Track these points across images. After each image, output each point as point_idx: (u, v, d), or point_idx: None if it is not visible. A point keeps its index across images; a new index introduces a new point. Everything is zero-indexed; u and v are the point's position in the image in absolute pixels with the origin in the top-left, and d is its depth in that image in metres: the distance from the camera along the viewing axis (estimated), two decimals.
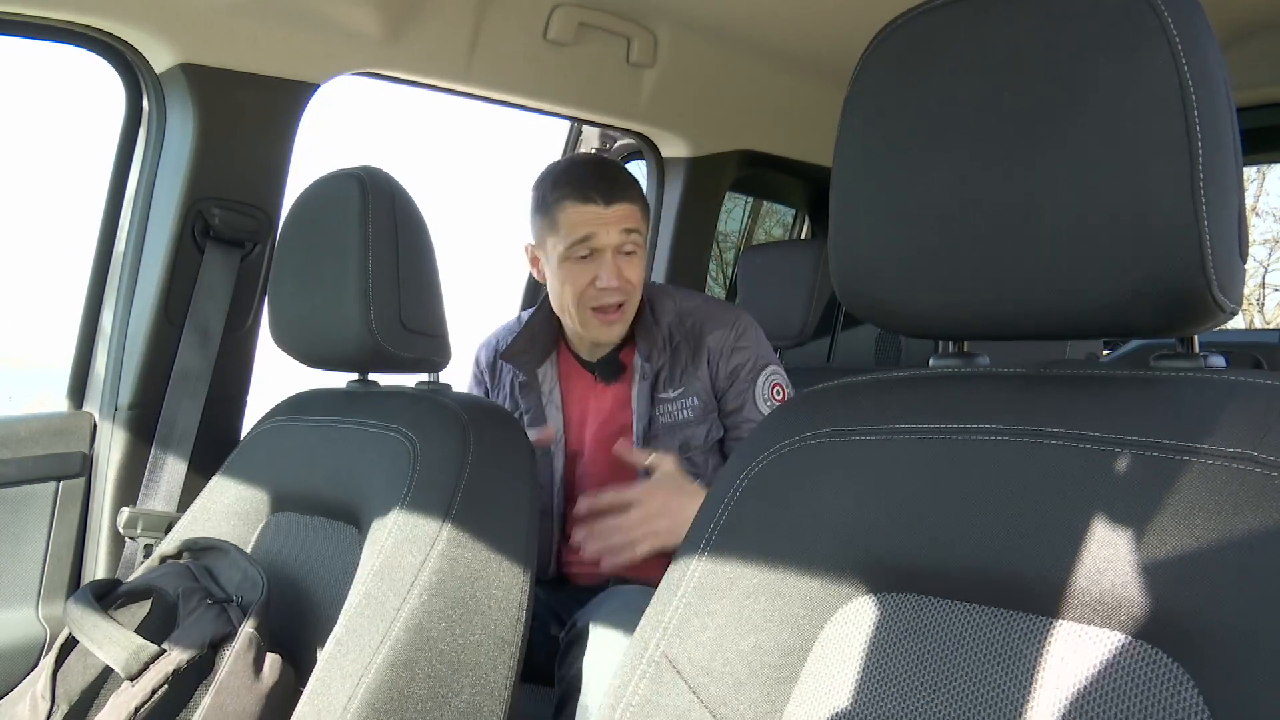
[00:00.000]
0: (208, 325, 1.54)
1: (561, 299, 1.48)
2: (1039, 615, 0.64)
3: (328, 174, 1.23)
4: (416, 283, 1.17)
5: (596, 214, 1.43)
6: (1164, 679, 0.58)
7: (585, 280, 1.44)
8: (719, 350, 1.51)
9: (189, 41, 1.45)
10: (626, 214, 1.46)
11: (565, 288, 1.46)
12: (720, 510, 0.81)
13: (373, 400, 1.23)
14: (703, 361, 1.51)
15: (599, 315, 1.47)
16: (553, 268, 1.48)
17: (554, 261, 1.47)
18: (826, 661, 0.72)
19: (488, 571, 1.03)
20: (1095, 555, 0.62)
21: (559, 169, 1.50)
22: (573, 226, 1.43)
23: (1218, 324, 0.66)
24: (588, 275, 1.44)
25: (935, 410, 0.75)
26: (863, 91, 0.75)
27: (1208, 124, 0.61)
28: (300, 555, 1.18)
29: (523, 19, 1.74)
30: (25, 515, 1.49)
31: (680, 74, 1.99)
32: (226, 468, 1.33)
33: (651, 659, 0.77)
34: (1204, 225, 0.61)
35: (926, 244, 0.71)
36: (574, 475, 1.57)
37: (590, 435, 1.56)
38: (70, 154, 51.73)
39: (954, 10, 0.70)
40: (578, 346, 1.58)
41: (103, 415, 1.55)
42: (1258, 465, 0.59)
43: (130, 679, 0.95)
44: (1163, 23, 0.62)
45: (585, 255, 1.44)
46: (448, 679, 0.98)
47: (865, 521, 0.73)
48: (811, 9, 1.79)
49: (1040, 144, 0.65)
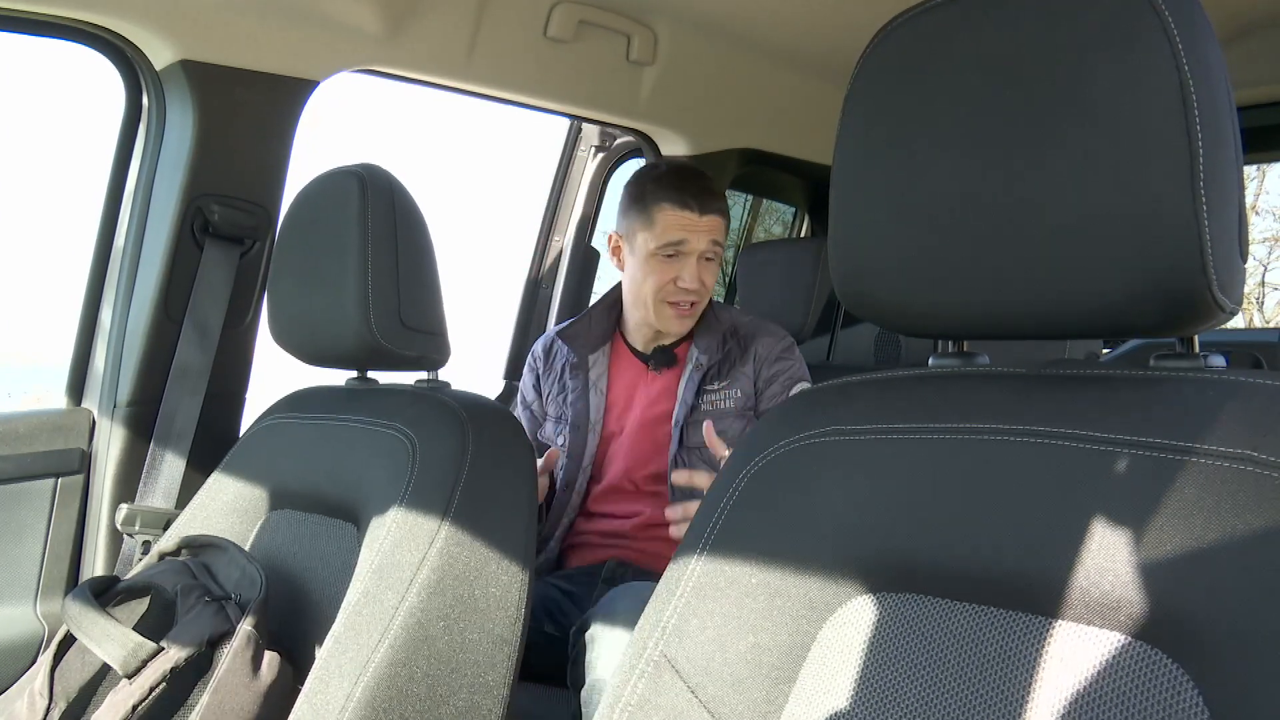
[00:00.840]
0: (207, 322, 1.54)
1: (641, 289, 1.63)
2: (1038, 615, 0.64)
3: (327, 171, 1.23)
4: (416, 280, 1.17)
5: (691, 221, 1.59)
6: (1164, 680, 0.58)
7: (668, 277, 1.60)
8: (766, 356, 1.65)
9: (189, 38, 1.45)
10: (715, 225, 1.61)
11: (648, 280, 1.61)
12: (719, 510, 0.81)
13: (372, 398, 1.22)
14: (749, 361, 1.65)
15: (674, 309, 1.62)
16: (638, 259, 1.62)
17: (641, 254, 1.62)
18: (825, 661, 0.72)
19: (486, 570, 1.03)
20: (1095, 555, 0.62)
21: (661, 171, 1.66)
22: (667, 228, 1.59)
23: (1218, 324, 0.66)
24: (671, 273, 1.60)
25: (935, 410, 0.74)
26: (863, 90, 0.75)
27: (1208, 123, 0.61)
28: (299, 553, 1.18)
29: (523, 16, 1.73)
30: (23, 512, 1.49)
31: (680, 72, 1.98)
32: (225, 465, 1.32)
33: (650, 659, 0.77)
34: (1204, 225, 0.61)
35: (926, 243, 0.71)
36: (604, 455, 1.68)
37: (633, 419, 1.67)
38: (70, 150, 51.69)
39: (954, 9, 0.70)
40: (634, 338, 1.71)
41: (101, 412, 1.55)
42: (1258, 465, 0.59)
43: (128, 677, 0.95)
44: (1163, 21, 0.62)
45: (672, 255, 1.59)
46: (446, 677, 0.98)
47: (864, 521, 0.73)
48: (812, 7, 1.78)
49: (1040, 143, 0.65)
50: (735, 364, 1.65)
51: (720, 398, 1.63)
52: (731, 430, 1.60)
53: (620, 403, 1.69)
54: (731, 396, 1.63)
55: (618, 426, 1.68)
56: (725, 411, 1.63)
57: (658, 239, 1.59)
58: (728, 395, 1.63)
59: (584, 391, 1.67)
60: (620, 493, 1.66)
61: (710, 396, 1.63)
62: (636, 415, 1.67)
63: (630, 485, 1.65)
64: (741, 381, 1.64)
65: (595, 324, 1.72)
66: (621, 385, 1.70)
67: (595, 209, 2.37)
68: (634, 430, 1.66)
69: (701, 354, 1.64)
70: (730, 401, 1.63)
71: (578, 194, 2.36)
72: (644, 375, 1.69)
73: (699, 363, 1.64)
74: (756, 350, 1.65)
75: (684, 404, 1.62)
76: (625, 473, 1.66)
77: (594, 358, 1.69)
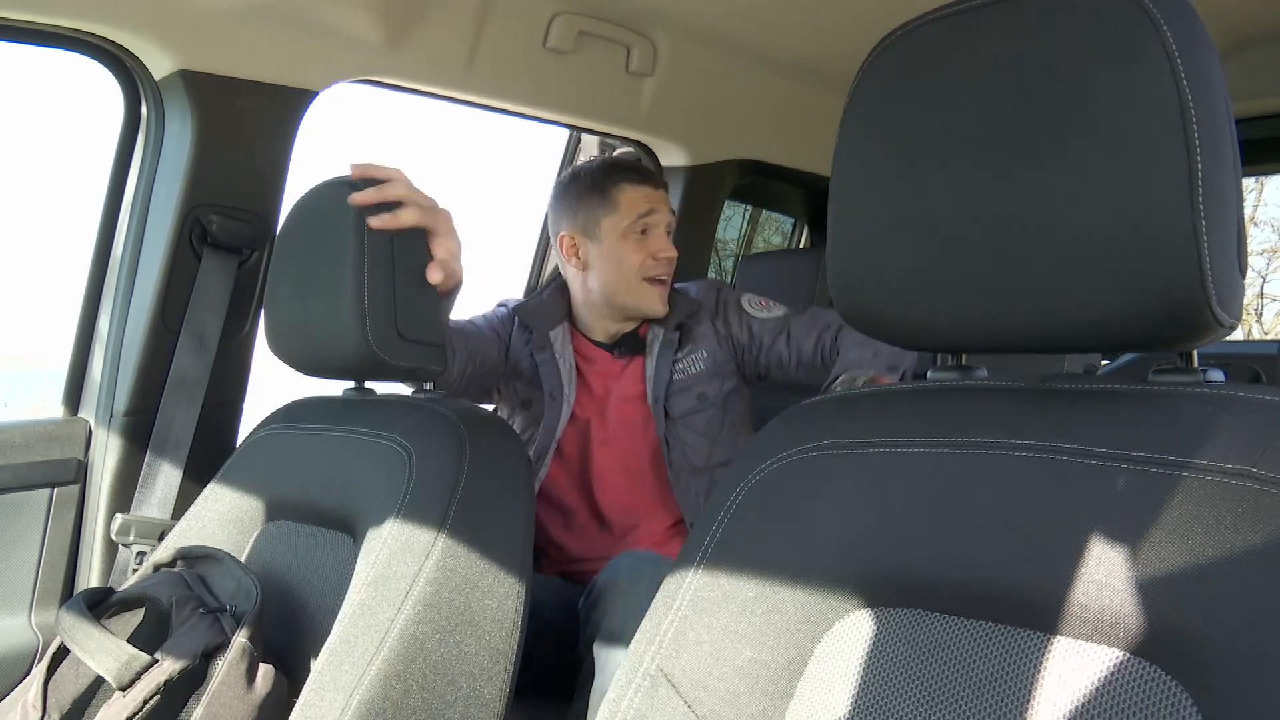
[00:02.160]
0: (204, 332, 1.54)
1: (620, 274, 1.62)
2: (1037, 631, 0.64)
3: (323, 181, 1.23)
4: (413, 291, 1.17)
5: (651, 193, 1.64)
6: (1162, 696, 0.58)
7: (645, 253, 1.61)
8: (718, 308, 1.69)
9: (188, 48, 1.45)
10: (668, 200, 1.68)
11: (626, 261, 1.61)
12: (717, 523, 0.81)
13: (369, 408, 1.22)
14: (704, 320, 1.68)
15: (656, 285, 1.63)
16: (608, 246, 1.62)
17: (610, 240, 1.62)
18: (823, 676, 0.72)
19: (483, 582, 1.02)
20: (1093, 571, 0.61)
21: (600, 163, 1.69)
22: (633, 203, 1.61)
23: (1217, 339, 0.66)
24: (646, 249, 1.62)
25: (933, 423, 0.74)
26: (862, 101, 0.75)
27: (1207, 136, 0.61)
28: (295, 564, 1.18)
29: (523, 27, 1.74)
30: (19, 522, 1.49)
31: (680, 83, 1.99)
32: (222, 475, 1.32)
33: (647, 673, 0.76)
34: (1203, 239, 0.60)
35: (925, 255, 0.70)
36: (583, 442, 1.65)
37: (613, 414, 1.65)
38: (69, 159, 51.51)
39: (953, 21, 0.70)
40: (591, 330, 1.70)
41: (98, 421, 1.55)
42: (1256, 481, 0.58)
43: (122, 689, 0.94)
44: (1161, 35, 0.62)
45: (643, 231, 1.62)
46: (442, 690, 0.98)
47: (862, 535, 0.73)
48: (811, 19, 1.79)
49: (1039, 156, 0.65)
50: (693, 326, 1.67)
51: (689, 364, 1.65)
52: (710, 390, 1.64)
53: (594, 393, 1.67)
54: (700, 360, 1.65)
55: (594, 412, 1.66)
56: (699, 376, 1.65)
57: (627, 217, 1.61)
58: (695, 360, 1.66)
59: (553, 362, 1.65)
60: (621, 490, 1.65)
61: (680, 365, 1.65)
62: (615, 410, 1.66)
63: (629, 481, 1.64)
64: (705, 341, 1.66)
65: (550, 304, 1.70)
66: (594, 376, 1.68)
67: None
68: (617, 423, 1.65)
69: (662, 328, 1.66)
70: (700, 364, 1.65)
71: None
72: (611, 366, 1.68)
73: (667, 339, 1.65)
74: (706, 305, 1.69)
75: (660, 380, 1.63)
76: (622, 467, 1.64)
77: (554, 334, 1.67)
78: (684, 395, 1.63)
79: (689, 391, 1.64)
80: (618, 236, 1.62)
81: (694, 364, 1.65)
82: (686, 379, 1.64)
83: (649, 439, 1.63)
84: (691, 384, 1.64)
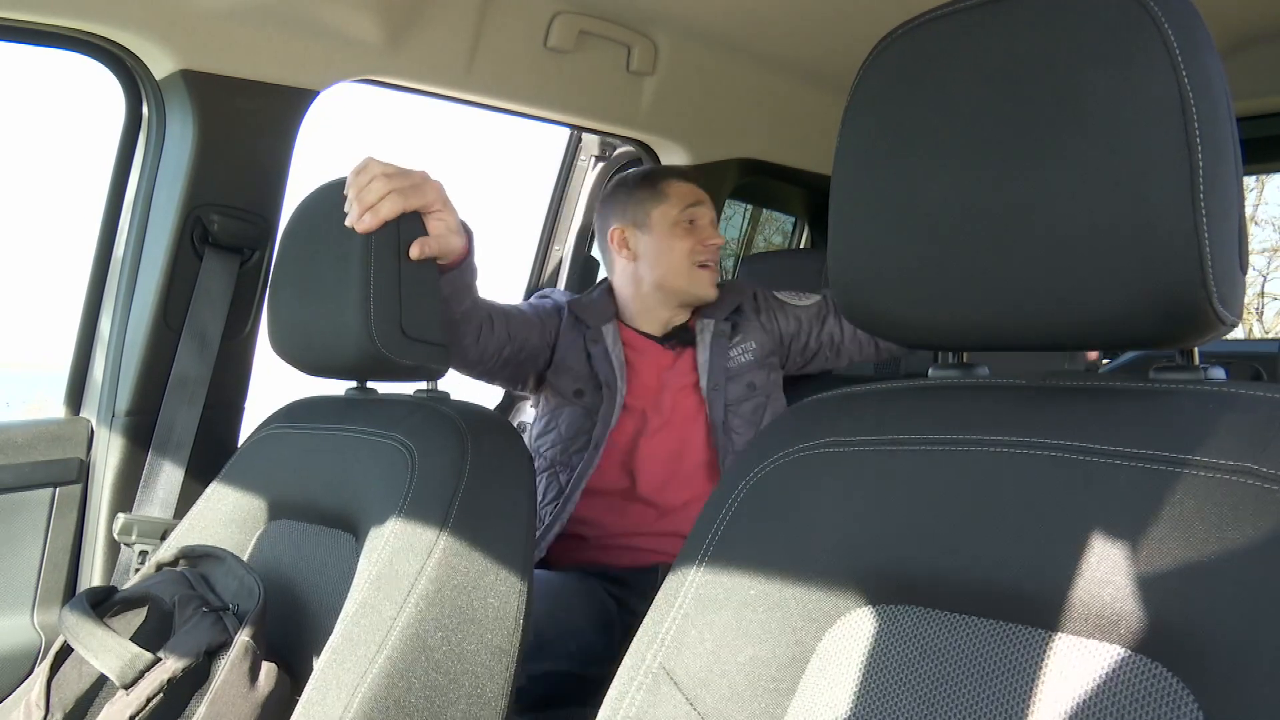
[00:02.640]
0: (206, 331, 1.54)
1: (671, 260, 1.72)
2: (1038, 628, 0.64)
3: (330, 181, 1.23)
4: (418, 289, 1.17)
5: (697, 191, 1.76)
6: (1164, 693, 0.58)
7: (695, 239, 1.72)
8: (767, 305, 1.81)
9: (189, 48, 1.45)
10: (711, 204, 1.79)
11: (677, 246, 1.71)
12: (719, 520, 0.81)
13: (371, 408, 1.22)
14: (753, 313, 1.79)
15: (706, 271, 1.72)
16: (659, 234, 1.72)
17: (661, 228, 1.72)
18: (825, 673, 0.72)
19: (485, 581, 1.03)
20: (1095, 568, 0.61)
21: (648, 167, 1.88)
22: (682, 195, 1.74)
23: (1218, 336, 0.66)
24: (695, 236, 1.72)
25: (935, 421, 0.74)
26: (863, 101, 0.75)
27: (1208, 134, 0.61)
28: (297, 563, 1.18)
29: (523, 27, 1.74)
30: (21, 522, 1.49)
31: (680, 82, 1.99)
32: (224, 475, 1.32)
33: (649, 670, 0.76)
34: (1204, 237, 0.61)
35: (926, 254, 0.70)
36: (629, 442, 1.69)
37: (667, 403, 1.71)
38: (71, 159, 51.88)
39: (954, 20, 0.70)
40: (639, 323, 1.77)
41: (100, 421, 1.55)
42: (1258, 478, 0.59)
43: (125, 687, 0.94)
44: (1162, 33, 0.62)
45: (690, 221, 1.72)
46: (444, 689, 0.98)
47: (864, 532, 0.73)
48: (812, 19, 1.79)
49: (1040, 154, 0.65)
50: (743, 318, 1.77)
51: (740, 353, 1.74)
52: (759, 380, 1.73)
53: (647, 384, 1.72)
54: (749, 350, 1.75)
55: (650, 409, 1.70)
56: (747, 365, 1.74)
57: (676, 205, 1.72)
58: (745, 349, 1.75)
59: (606, 356, 1.71)
60: (669, 480, 1.68)
61: (732, 353, 1.74)
62: (670, 401, 1.71)
63: (676, 466, 1.68)
64: (754, 333, 1.76)
65: (600, 302, 1.78)
66: (646, 368, 1.73)
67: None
68: (669, 415, 1.70)
69: (711, 319, 1.75)
70: (749, 354, 1.75)
71: (578, 204, 2.36)
72: (663, 357, 1.74)
73: (719, 329, 1.74)
74: (747, 299, 1.80)
75: (716, 368, 1.71)
76: (671, 453, 1.68)
77: (606, 329, 1.73)
78: (735, 383, 1.72)
79: (740, 379, 1.73)
80: (668, 225, 1.72)
81: (744, 353, 1.75)
82: (737, 368, 1.73)
83: (699, 426, 1.70)
84: (742, 372, 1.73)
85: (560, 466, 1.69)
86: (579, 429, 1.69)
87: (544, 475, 1.71)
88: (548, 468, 1.71)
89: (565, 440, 1.70)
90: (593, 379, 1.70)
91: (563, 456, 1.69)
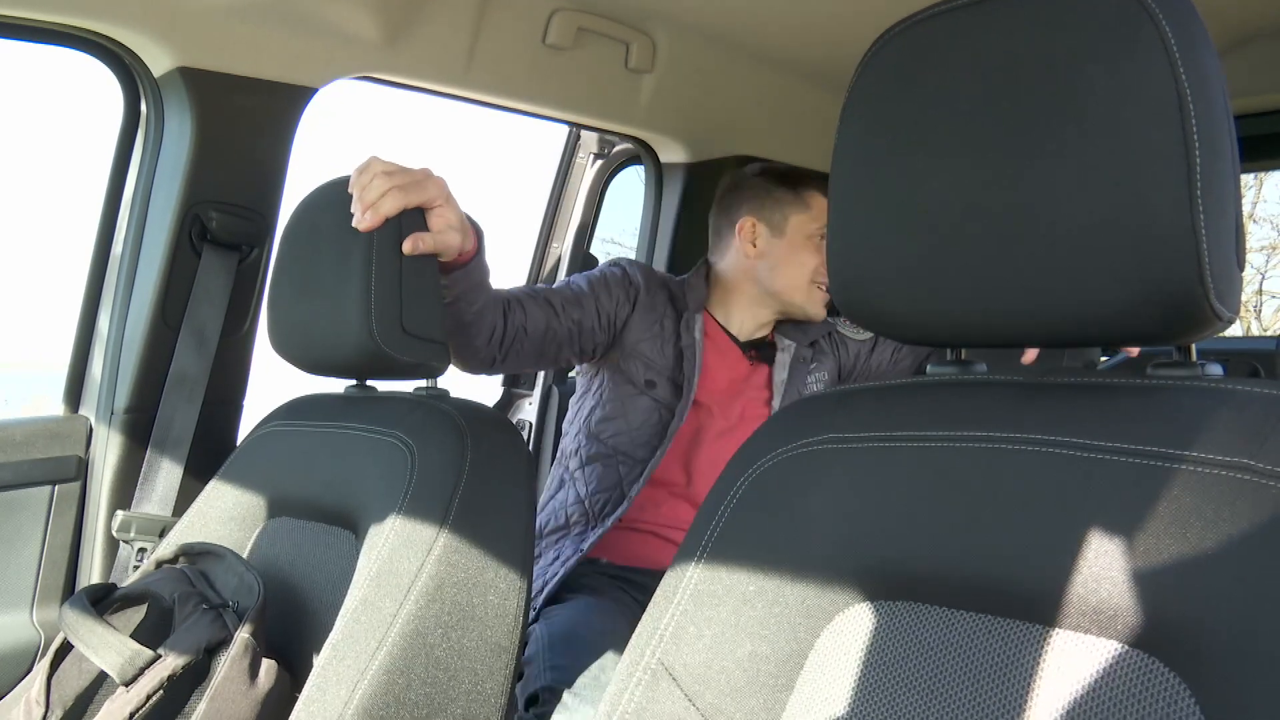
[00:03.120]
0: (205, 329, 1.54)
1: (794, 272, 1.69)
2: (1036, 624, 0.64)
3: (331, 180, 1.23)
4: (419, 287, 1.17)
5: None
6: (1161, 689, 0.58)
7: (821, 259, 1.67)
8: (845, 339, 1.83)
9: (187, 45, 1.45)
10: None
11: (807, 261, 1.69)
12: (717, 516, 0.81)
13: (371, 405, 1.22)
14: (832, 343, 1.81)
15: (823, 292, 1.70)
16: (790, 242, 1.69)
17: (796, 237, 1.69)
18: (823, 669, 0.72)
19: (484, 578, 1.03)
20: (1092, 564, 0.62)
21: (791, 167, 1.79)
22: (824, 212, 1.67)
23: (1215, 332, 0.66)
24: (822, 257, 1.67)
25: (933, 417, 0.74)
26: (860, 98, 0.75)
27: (1205, 132, 0.61)
28: (297, 560, 1.18)
29: (521, 23, 1.74)
30: (20, 519, 1.49)
31: (679, 79, 1.99)
32: (223, 472, 1.32)
33: (647, 666, 0.77)
34: (1202, 234, 0.61)
35: (924, 251, 0.71)
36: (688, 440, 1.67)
37: (737, 411, 1.70)
38: (69, 156, 51.42)
39: (952, 18, 0.71)
40: (734, 324, 1.75)
41: (99, 419, 1.55)
42: (1255, 474, 0.59)
43: (125, 684, 0.95)
44: (1160, 30, 0.62)
45: (822, 238, 1.68)
46: (444, 686, 0.98)
47: (863, 528, 0.73)
48: (810, 16, 1.79)
49: (1038, 152, 0.65)
50: (820, 349, 1.79)
51: (814, 380, 1.76)
52: None
53: (719, 385, 1.70)
54: (821, 380, 1.77)
55: (716, 411, 1.68)
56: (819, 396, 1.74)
57: (817, 220, 1.69)
58: (818, 379, 1.77)
59: (690, 350, 1.67)
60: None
61: (807, 379, 1.75)
62: (740, 409, 1.70)
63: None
64: (828, 364, 1.78)
65: (694, 290, 1.74)
66: (722, 370, 1.71)
67: (594, 216, 2.37)
68: (737, 421, 1.69)
69: (794, 343, 1.75)
70: (820, 384, 1.76)
71: (576, 200, 2.36)
72: (740, 364, 1.73)
73: (800, 354, 1.74)
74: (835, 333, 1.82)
75: (793, 393, 1.70)
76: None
77: (695, 319, 1.70)
78: None
79: None
80: (804, 236, 1.69)
81: (816, 382, 1.76)
82: (809, 394, 1.69)
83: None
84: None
85: (623, 457, 1.66)
86: (646, 421, 1.65)
87: (599, 463, 1.67)
88: (609, 455, 1.67)
89: (633, 430, 1.65)
90: (668, 371, 1.66)
91: (628, 447, 1.65)
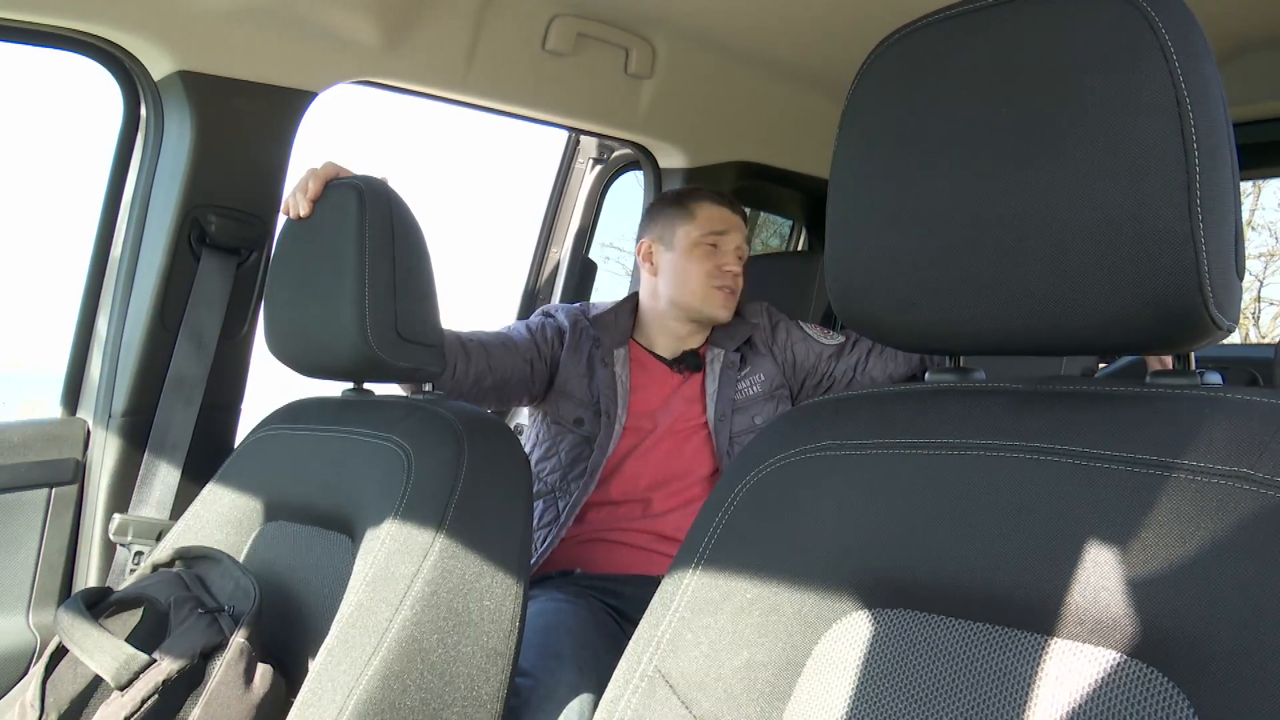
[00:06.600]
0: (203, 332, 1.54)
1: (688, 279, 1.73)
2: (1034, 633, 0.64)
3: (328, 184, 1.23)
4: (413, 292, 1.17)
5: (727, 215, 1.77)
6: (1159, 698, 0.58)
7: (714, 262, 1.73)
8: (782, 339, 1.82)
9: (187, 49, 1.45)
10: (743, 226, 1.80)
11: (696, 268, 1.73)
12: (715, 523, 0.81)
13: (368, 409, 1.22)
14: (764, 345, 1.80)
15: (722, 293, 1.73)
16: (680, 252, 1.75)
17: (683, 246, 1.74)
18: (820, 677, 0.72)
19: (480, 583, 1.03)
20: (1091, 573, 0.61)
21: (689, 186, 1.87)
22: (709, 219, 1.75)
23: (1214, 341, 0.66)
24: (715, 259, 1.73)
25: (931, 425, 0.74)
26: (860, 105, 0.75)
27: (1205, 140, 0.61)
28: (293, 564, 1.18)
29: (521, 29, 1.74)
30: (17, 522, 1.49)
31: (678, 85, 1.99)
32: (220, 475, 1.32)
33: (644, 674, 0.76)
34: (1201, 242, 0.61)
35: (923, 258, 0.71)
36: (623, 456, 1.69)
37: (665, 426, 1.71)
38: (69, 160, 51.49)
39: (951, 25, 0.71)
40: (656, 343, 1.79)
41: (96, 422, 1.55)
42: (1254, 483, 0.59)
43: (120, 688, 0.94)
44: (1160, 39, 0.62)
45: (713, 244, 1.73)
46: (439, 690, 0.98)
47: (860, 536, 0.73)
48: (809, 23, 1.79)
49: (1037, 159, 0.65)
50: (753, 349, 1.78)
51: (747, 384, 1.75)
52: (766, 413, 1.73)
53: (651, 405, 1.73)
54: (757, 382, 1.76)
55: (649, 426, 1.71)
56: (755, 397, 1.74)
57: (701, 228, 1.74)
58: (754, 381, 1.76)
59: (611, 381, 1.71)
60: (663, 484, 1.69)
61: (740, 385, 1.75)
62: (668, 424, 1.71)
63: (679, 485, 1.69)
64: (762, 365, 1.77)
65: (619, 320, 1.79)
66: (651, 389, 1.74)
67: (593, 221, 2.37)
68: (667, 435, 1.71)
69: (722, 350, 1.76)
70: (757, 387, 1.75)
71: (575, 206, 2.36)
72: (669, 380, 1.75)
73: (728, 360, 1.75)
74: (761, 327, 1.81)
75: (724, 399, 1.72)
76: (671, 476, 1.69)
77: (618, 353, 1.75)
78: (741, 416, 1.72)
79: (746, 412, 1.73)
80: (690, 245, 1.74)
81: (751, 385, 1.76)
82: (745, 400, 1.74)
83: (701, 454, 1.70)
84: (748, 405, 1.74)
85: (560, 493, 1.70)
86: (578, 456, 1.70)
87: (542, 499, 1.71)
88: (548, 492, 1.71)
89: (565, 467, 1.71)
90: (594, 405, 1.71)
91: (562, 484, 1.70)
